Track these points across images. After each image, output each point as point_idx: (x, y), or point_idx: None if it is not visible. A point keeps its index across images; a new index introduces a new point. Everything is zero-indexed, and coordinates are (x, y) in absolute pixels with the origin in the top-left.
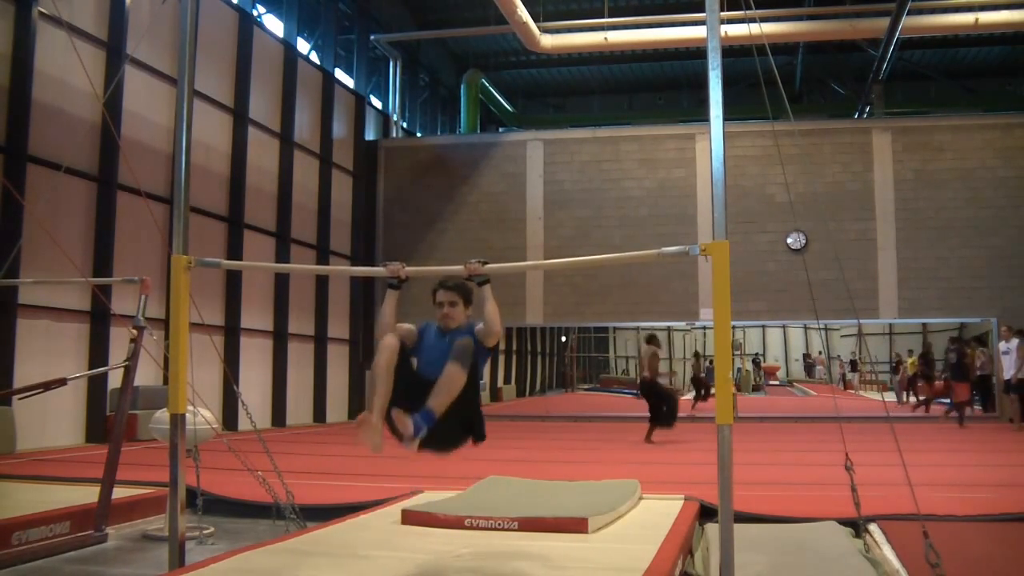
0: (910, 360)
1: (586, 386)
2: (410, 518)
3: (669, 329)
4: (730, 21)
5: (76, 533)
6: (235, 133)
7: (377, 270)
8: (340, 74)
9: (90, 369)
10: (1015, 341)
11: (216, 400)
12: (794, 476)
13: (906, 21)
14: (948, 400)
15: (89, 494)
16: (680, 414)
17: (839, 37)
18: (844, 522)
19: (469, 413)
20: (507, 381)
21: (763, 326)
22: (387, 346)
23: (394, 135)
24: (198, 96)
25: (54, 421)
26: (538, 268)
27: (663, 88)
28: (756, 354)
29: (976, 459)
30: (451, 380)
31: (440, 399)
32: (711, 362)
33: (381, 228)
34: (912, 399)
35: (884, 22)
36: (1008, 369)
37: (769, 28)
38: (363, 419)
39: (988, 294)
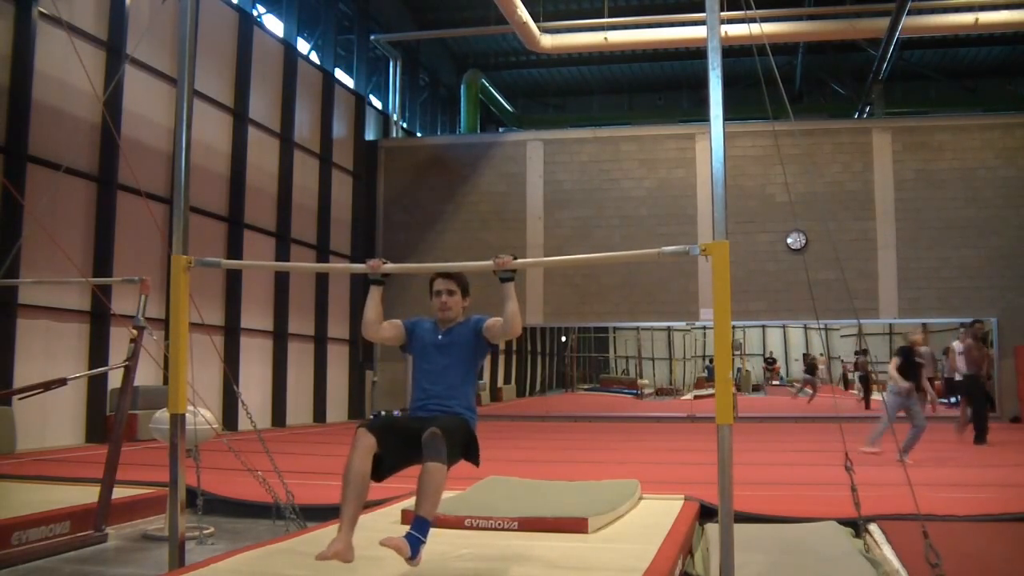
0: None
1: (586, 386)
2: (410, 518)
3: (669, 329)
4: (730, 21)
5: (76, 533)
6: (235, 133)
7: (358, 267)
8: (340, 74)
9: (90, 369)
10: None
11: (216, 400)
12: (794, 476)
13: (906, 21)
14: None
15: (89, 494)
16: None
17: (839, 37)
18: (844, 522)
19: (466, 438)
20: (507, 381)
21: (763, 326)
22: (361, 440)
23: (394, 135)
24: (198, 96)
25: (54, 421)
26: (538, 266)
27: (663, 88)
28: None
29: (976, 459)
30: (434, 479)
31: (430, 503)
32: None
33: (381, 228)
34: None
35: (884, 22)
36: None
37: (769, 28)
38: (336, 553)
39: (988, 294)
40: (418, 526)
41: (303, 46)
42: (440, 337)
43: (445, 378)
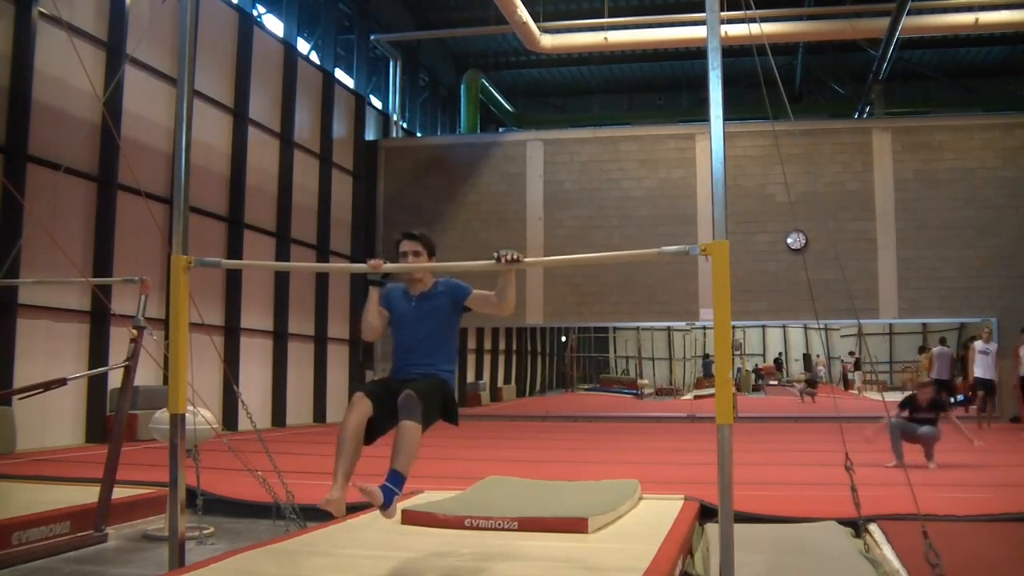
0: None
1: (586, 386)
2: (410, 518)
3: (669, 329)
4: (730, 21)
5: (76, 533)
6: (235, 133)
7: (358, 266)
8: (340, 74)
9: (90, 369)
10: (994, 344)
11: (216, 400)
12: (794, 476)
13: (906, 21)
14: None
15: (89, 494)
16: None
17: (839, 37)
18: (844, 522)
19: (443, 399)
20: (507, 381)
21: (763, 326)
22: (357, 404)
23: (394, 135)
24: (198, 96)
25: (54, 421)
26: (538, 266)
27: (663, 88)
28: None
29: (976, 459)
30: (410, 438)
31: (403, 458)
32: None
33: (381, 228)
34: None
35: (884, 22)
36: (986, 370)
37: (769, 28)
38: (329, 501)
39: (988, 294)
40: (392, 478)
41: (303, 46)
42: (413, 304)
43: (424, 346)
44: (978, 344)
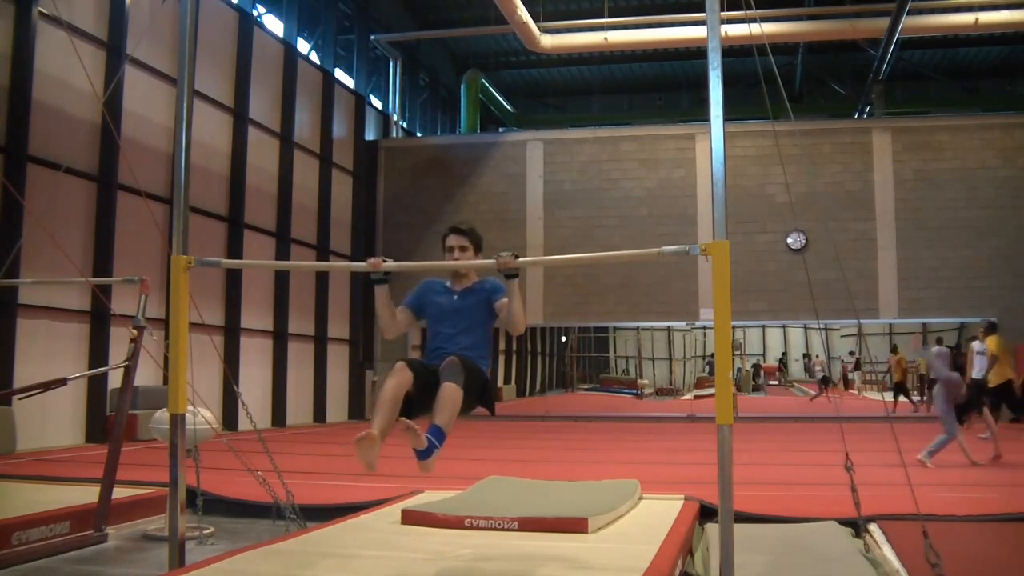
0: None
1: (586, 386)
2: (410, 518)
3: (669, 329)
4: (730, 21)
5: (76, 533)
6: (235, 133)
7: (360, 265)
8: (340, 74)
9: (90, 369)
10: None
11: (216, 400)
12: (794, 476)
13: (906, 21)
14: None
15: (89, 494)
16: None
17: (839, 37)
18: (844, 522)
19: (482, 383)
20: (507, 381)
21: (763, 326)
22: (399, 373)
23: (394, 135)
24: (198, 96)
25: (54, 421)
26: (538, 266)
27: (663, 88)
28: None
29: (976, 459)
30: (450, 398)
31: (445, 415)
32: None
33: (381, 228)
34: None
35: (884, 22)
36: (980, 370)
37: (769, 28)
38: (365, 436)
39: (988, 294)
40: (433, 431)
41: (303, 46)
42: (456, 299)
43: (464, 339)
44: (975, 345)
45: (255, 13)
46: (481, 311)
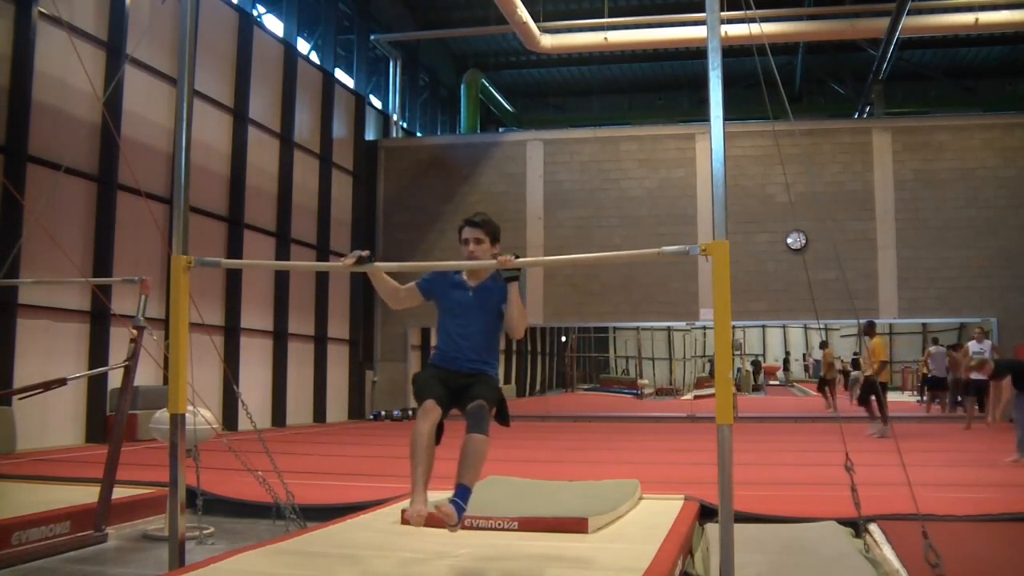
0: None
1: (586, 386)
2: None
3: (669, 329)
4: (730, 21)
5: (76, 533)
6: (235, 133)
7: (358, 266)
8: (340, 74)
9: (90, 369)
10: (988, 343)
11: (216, 400)
12: (794, 476)
13: (906, 21)
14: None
15: (89, 494)
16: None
17: (839, 37)
18: (844, 522)
19: (498, 401)
20: (507, 381)
21: (763, 326)
22: (431, 413)
23: (394, 135)
24: (198, 96)
25: (54, 421)
26: (538, 266)
27: (663, 88)
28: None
29: (976, 459)
30: (478, 450)
31: (473, 472)
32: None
33: (381, 228)
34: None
35: (884, 22)
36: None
37: (769, 28)
38: (415, 513)
39: (988, 294)
40: (461, 493)
41: (303, 46)
42: (471, 294)
43: (479, 339)
44: (971, 345)
45: (255, 13)
46: (494, 310)
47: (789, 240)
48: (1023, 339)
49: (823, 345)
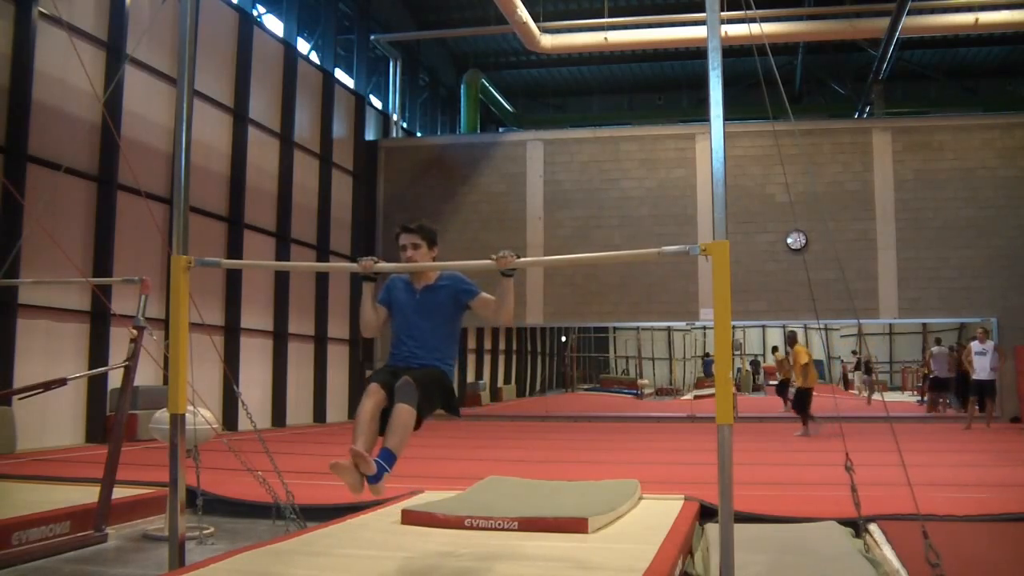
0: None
1: (586, 386)
2: (410, 518)
3: (669, 329)
4: (730, 21)
5: (76, 533)
6: (235, 133)
7: (351, 266)
8: (340, 74)
9: (90, 369)
10: (990, 343)
11: (216, 400)
12: (794, 476)
13: (906, 21)
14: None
15: (89, 494)
16: None
17: (839, 37)
18: (844, 522)
19: (444, 389)
20: (507, 381)
21: (763, 326)
22: (374, 395)
23: (394, 135)
24: (198, 96)
25: (54, 421)
26: (538, 266)
27: (663, 88)
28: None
29: (976, 459)
30: (403, 420)
31: (396, 438)
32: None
33: (381, 228)
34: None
35: (884, 22)
36: (980, 371)
37: (769, 28)
38: (349, 461)
39: (988, 294)
40: (384, 455)
41: (303, 46)
42: (417, 297)
43: (428, 340)
44: (974, 345)
45: (255, 13)
46: (445, 309)
47: (789, 240)
48: (1023, 339)
49: (792, 341)
